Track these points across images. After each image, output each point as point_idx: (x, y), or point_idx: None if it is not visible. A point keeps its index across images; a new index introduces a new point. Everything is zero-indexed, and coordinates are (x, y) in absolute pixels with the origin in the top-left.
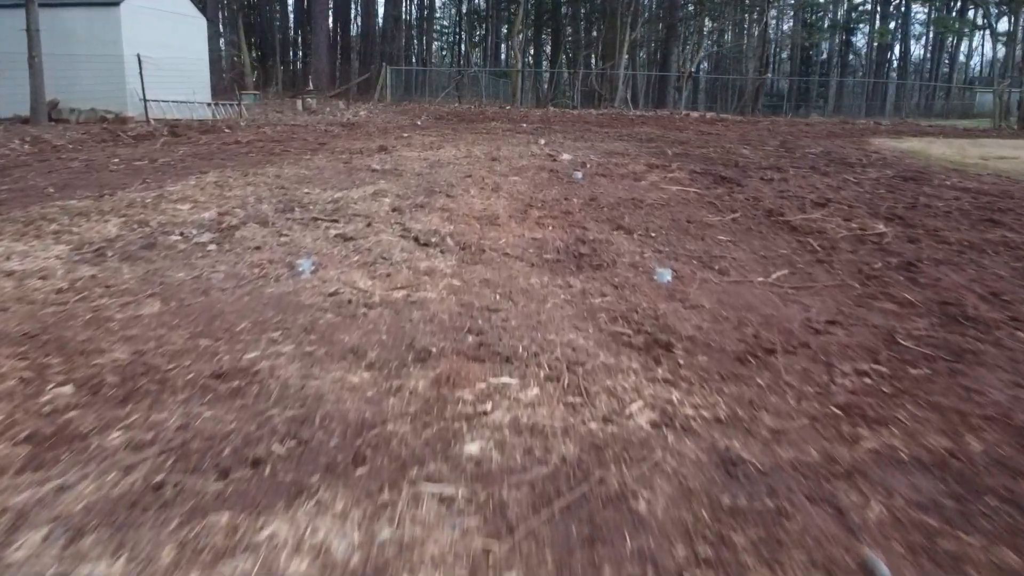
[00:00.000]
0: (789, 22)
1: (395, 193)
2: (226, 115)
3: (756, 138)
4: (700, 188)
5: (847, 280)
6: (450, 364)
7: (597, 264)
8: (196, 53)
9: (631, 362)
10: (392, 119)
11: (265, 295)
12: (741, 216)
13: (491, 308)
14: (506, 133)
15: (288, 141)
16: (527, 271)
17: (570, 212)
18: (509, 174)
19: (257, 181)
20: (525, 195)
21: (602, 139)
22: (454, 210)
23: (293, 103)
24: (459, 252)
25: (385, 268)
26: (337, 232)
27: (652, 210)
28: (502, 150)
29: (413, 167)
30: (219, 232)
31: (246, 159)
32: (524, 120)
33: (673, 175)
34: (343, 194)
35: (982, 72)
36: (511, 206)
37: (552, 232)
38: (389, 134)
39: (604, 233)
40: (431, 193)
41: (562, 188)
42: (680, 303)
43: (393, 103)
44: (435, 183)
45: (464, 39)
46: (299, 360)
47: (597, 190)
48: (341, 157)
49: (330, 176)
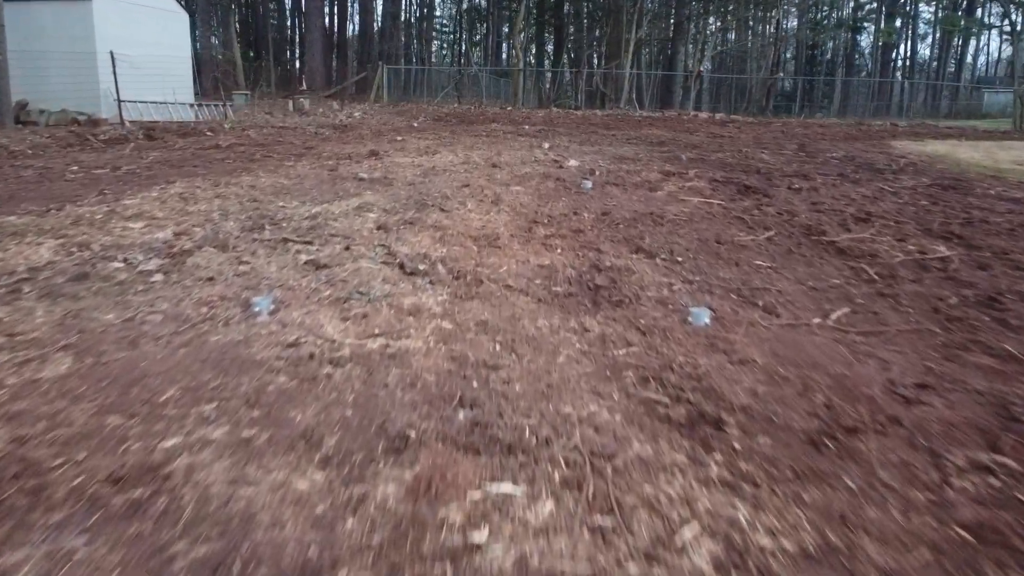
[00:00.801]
0: (793, 21)
1: (382, 207)
2: (211, 117)
3: (772, 141)
4: (724, 199)
5: (923, 322)
6: (433, 458)
7: (617, 300)
8: (178, 51)
9: (674, 451)
10: (388, 121)
11: (208, 347)
12: (777, 234)
13: (489, 364)
14: (507, 136)
15: (272, 145)
16: (533, 309)
17: (581, 230)
18: (511, 183)
19: (228, 192)
20: (529, 209)
21: (609, 142)
22: (448, 228)
23: (285, 104)
24: (452, 283)
25: (361, 306)
26: (309, 258)
27: (674, 227)
28: (503, 155)
29: (405, 175)
30: (169, 258)
31: (221, 166)
32: (526, 121)
33: (692, 184)
34: (323, 208)
35: (988, 72)
36: (513, 223)
37: (561, 256)
38: (382, 137)
39: (622, 257)
40: (423, 207)
41: (570, 200)
42: (725, 356)
43: (390, 104)
44: (428, 194)
45: (464, 38)
46: (231, 452)
47: (609, 202)
48: (327, 164)
49: (311, 186)
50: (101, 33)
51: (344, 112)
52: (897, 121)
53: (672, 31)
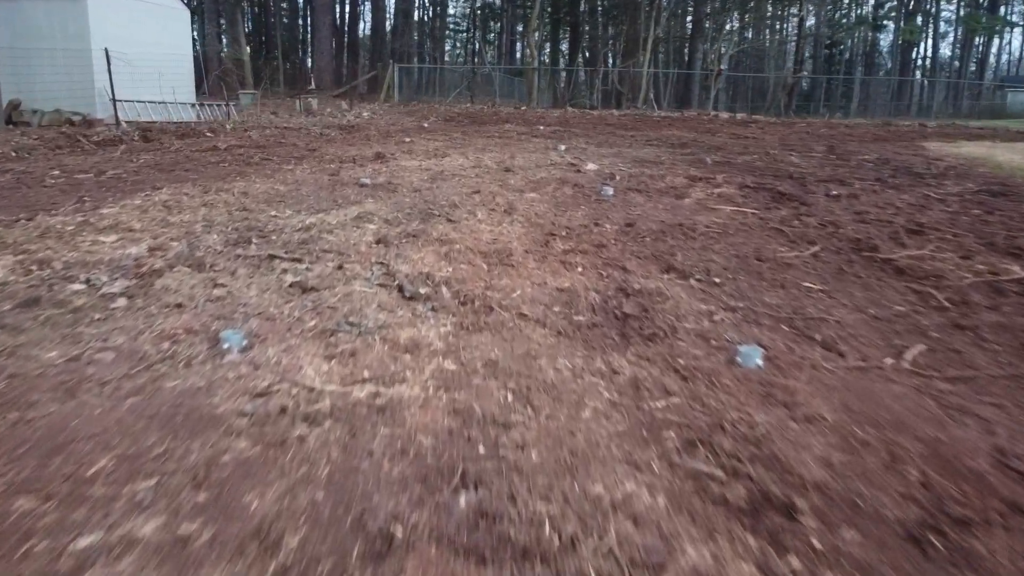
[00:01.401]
0: (811, 19)
1: (383, 217)
2: (213, 117)
3: (798, 142)
4: (758, 208)
5: (1019, 365)
6: (424, 569)
7: (649, 332)
8: (178, 48)
9: (739, 556)
10: (397, 121)
11: (161, 396)
12: (823, 250)
13: (499, 421)
14: (521, 137)
15: (273, 147)
16: (552, 344)
17: (603, 244)
18: (525, 189)
19: (217, 200)
20: (545, 219)
21: (629, 144)
22: (455, 242)
23: (293, 104)
24: (458, 310)
25: (350, 341)
26: (295, 279)
27: (708, 241)
28: (517, 158)
29: (411, 180)
30: (137, 278)
31: (215, 170)
32: (541, 122)
33: (721, 190)
34: (318, 218)
35: (1009, 70)
36: (528, 235)
37: (583, 276)
38: (390, 139)
39: (652, 278)
40: (428, 217)
41: (590, 208)
42: (785, 410)
43: (401, 103)
44: (435, 202)
45: (477, 36)
46: (160, 560)
47: (633, 211)
48: (328, 168)
49: (308, 193)
50: (97, 30)
51: (352, 112)
52: (925, 121)
53: (690, 28)
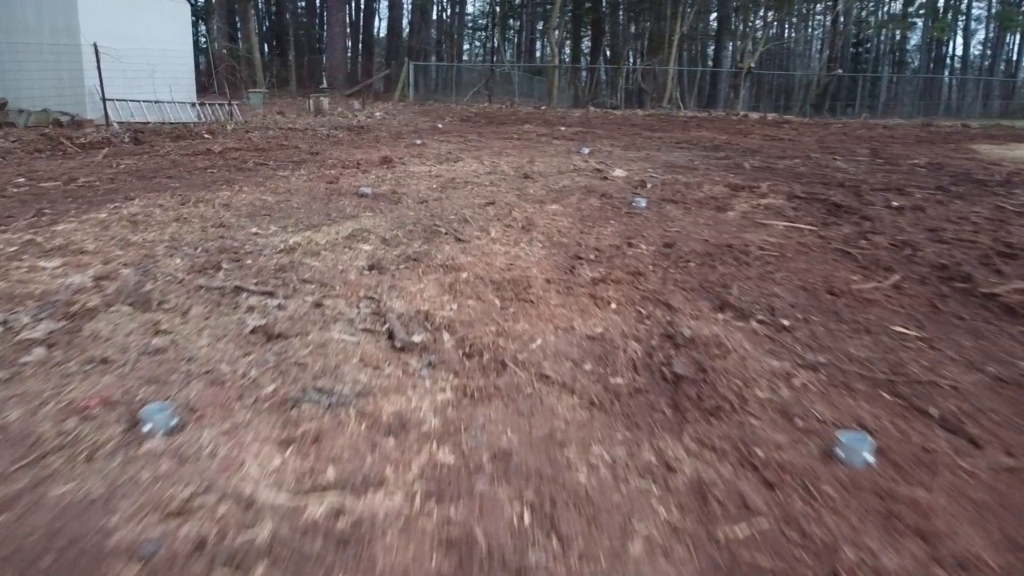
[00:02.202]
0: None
1: (381, 235)
2: (215, 117)
3: (838, 145)
4: (815, 223)
5: None
6: None
7: (711, 404)
8: (177, 44)
9: None
10: (410, 121)
11: (37, 515)
12: (904, 279)
13: (511, 564)
14: (541, 139)
15: (273, 150)
16: (583, 422)
17: (640, 272)
18: (546, 200)
19: (193, 214)
20: (570, 237)
21: (657, 147)
22: (463, 268)
23: (305, 103)
24: (461, 367)
25: (315, 417)
26: (260, 322)
27: (764, 267)
28: (536, 163)
29: (418, 189)
30: (66, 319)
31: (201, 177)
32: (562, 122)
33: (768, 201)
34: (305, 237)
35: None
36: (550, 259)
37: (618, 316)
38: (400, 141)
39: (704, 318)
40: (433, 235)
41: (621, 224)
42: (924, 545)
43: (416, 103)
44: (442, 217)
45: (496, 32)
46: None
47: (671, 227)
48: (328, 174)
49: (300, 205)
50: (87, 25)
51: (365, 112)
52: (968, 122)
53: (717, 25)
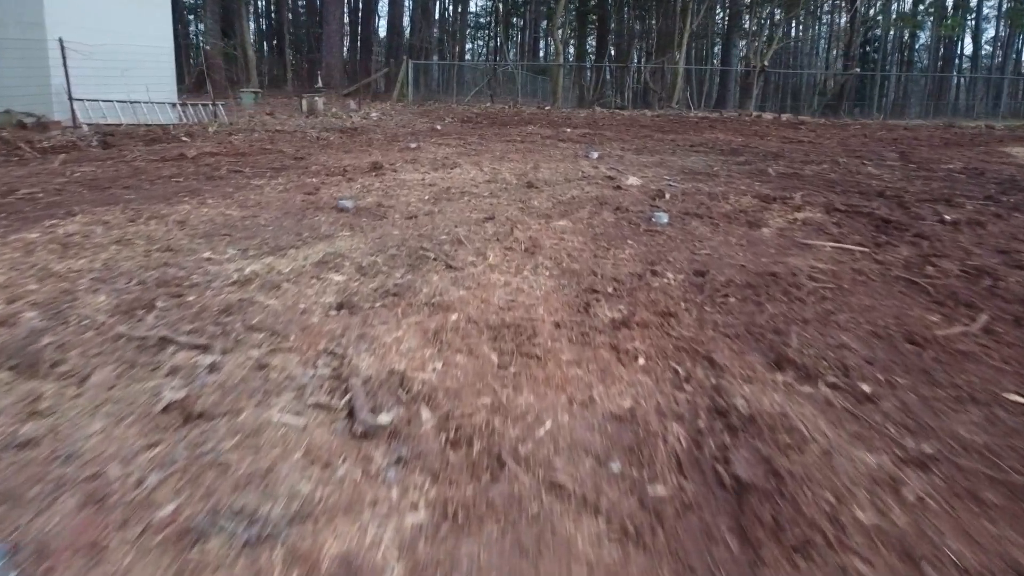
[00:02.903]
0: (844, 16)
1: (358, 261)
2: (198, 119)
3: (862, 147)
4: (865, 242)
5: None
6: None
7: (797, 537)
8: (156, 40)
9: None
10: (408, 122)
11: None
12: (995, 320)
13: None
14: (546, 142)
15: (253, 155)
16: (614, 568)
17: (671, 311)
18: (553, 214)
19: (140, 234)
20: (582, 262)
21: (671, 150)
22: (453, 307)
23: (298, 103)
24: (443, 465)
25: (224, 562)
26: (180, 393)
27: (820, 303)
28: (541, 169)
29: (408, 201)
30: None
31: (164, 187)
32: (567, 123)
33: (805, 215)
34: (266, 264)
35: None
36: (560, 293)
37: (649, 379)
38: (395, 144)
39: (759, 381)
40: (420, 261)
41: (640, 244)
42: None
43: (415, 103)
44: (433, 236)
45: (499, 28)
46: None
47: (700, 248)
48: (309, 183)
49: (268, 221)
50: (54, 18)
51: (361, 112)
52: (991, 123)
53: (727, 22)
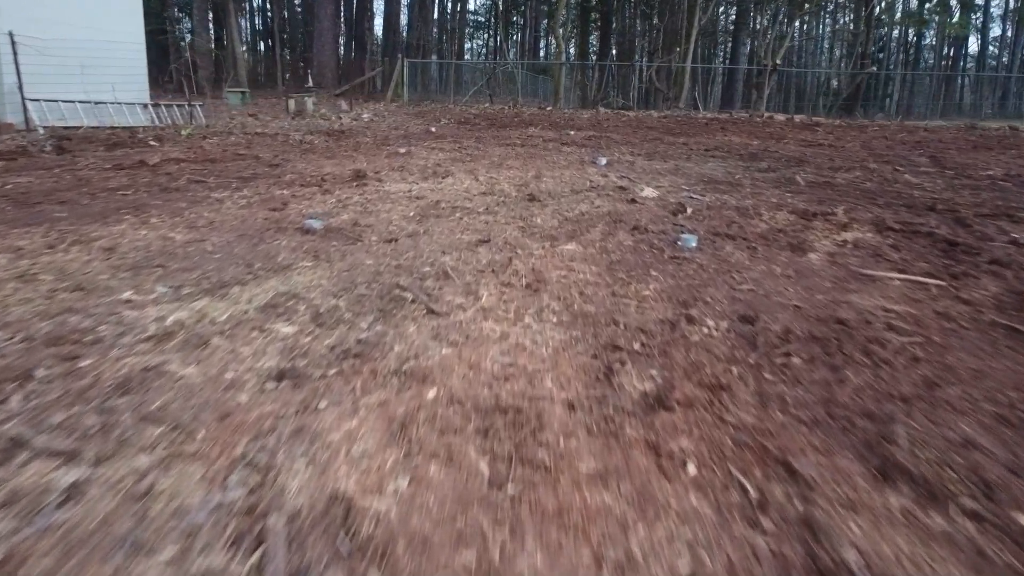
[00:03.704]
0: (850, 15)
1: (316, 304)
2: (172, 120)
3: (888, 151)
4: (935, 272)
5: None
6: None
7: None
8: (125, 36)
9: None
10: (401, 124)
11: None
12: None
13: None
14: (548, 145)
15: (226, 161)
16: None
17: (721, 383)
18: (559, 236)
19: (51, 265)
20: (598, 303)
21: (684, 155)
22: (431, 376)
23: (287, 104)
24: None
25: None
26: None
27: (913, 367)
28: (544, 178)
29: (389, 219)
30: None
31: (106, 203)
32: (570, 125)
33: (853, 235)
34: (197, 310)
35: None
36: (572, 352)
37: (706, 506)
38: (383, 149)
39: (866, 512)
40: (394, 304)
41: (668, 276)
42: None
43: (411, 103)
44: (414, 267)
45: (499, 25)
46: None
47: (740, 282)
48: (278, 196)
49: (218, 247)
50: (7, 10)
51: (352, 113)
52: (1015, 124)
53: (735, 19)
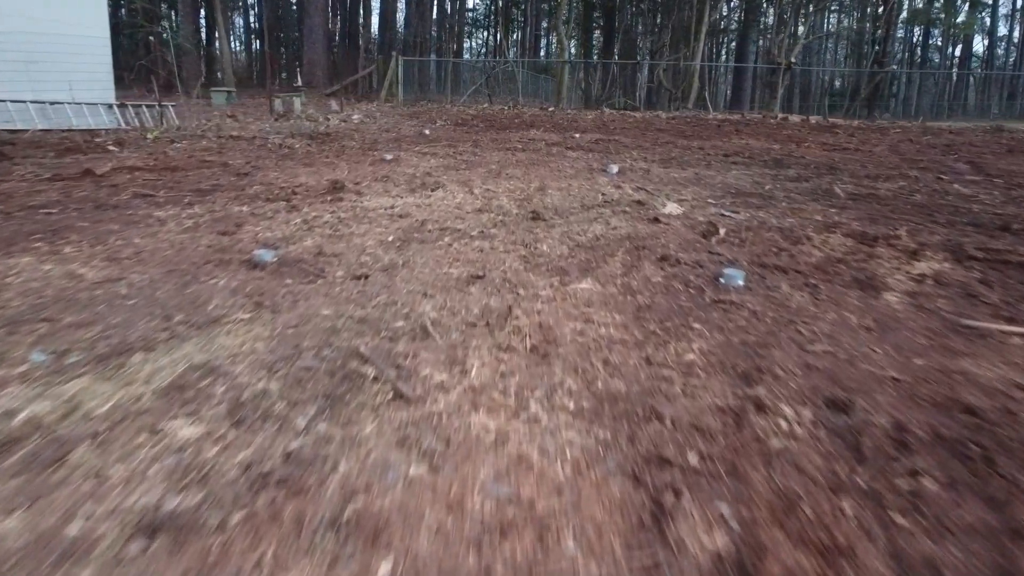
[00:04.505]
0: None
1: (239, 385)
2: (139, 122)
3: (920, 156)
4: None
5: None
6: None
7: None
8: (85, 30)
9: None
10: (393, 126)
11: None
12: None
13: None
14: (552, 150)
15: (186, 170)
16: None
17: (834, 540)
18: (571, 269)
19: None
20: (628, 376)
21: (703, 161)
22: (388, 530)
23: (273, 104)
24: None
25: None
26: None
27: None
28: (550, 190)
29: (363, 245)
30: None
31: (19, 225)
32: (574, 127)
33: (930, 265)
34: (72, 393)
35: None
36: (599, 471)
37: None
38: (369, 155)
39: None
40: (347, 388)
41: (714, 330)
42: None
43: (406, 103)
44: (383, 322)
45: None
46: None
47: (814, 345)
48: (233, 214)
49: (134, 290)
50: None
51: (342, 114)
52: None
53: (743, 15)
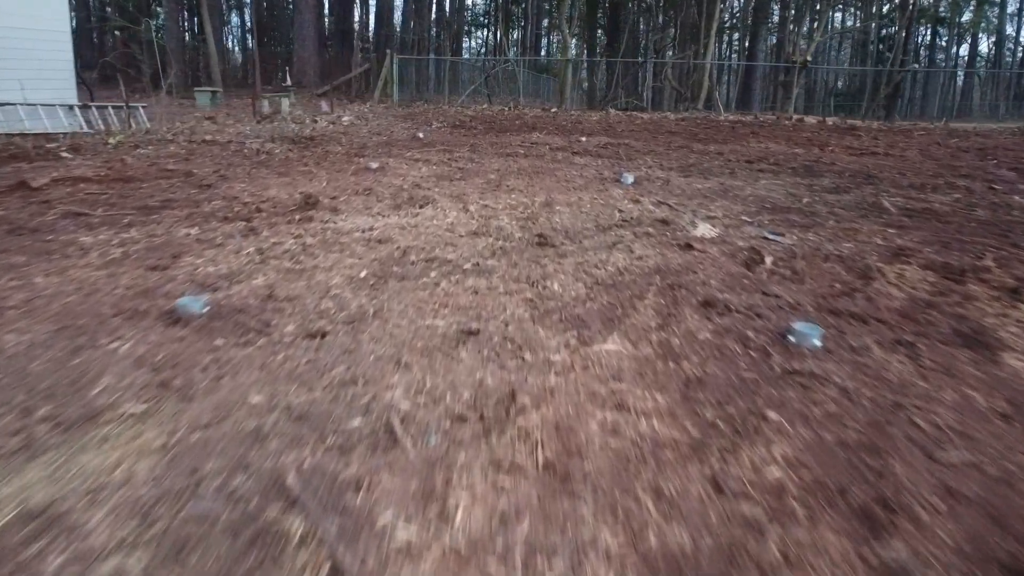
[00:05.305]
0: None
1: (90, 548)
2: (105, 125)
3: (955, 161)
4: None
5: None
6: None
7: None
8: (44, 24)
9: None
10: (385, 128)
11: None
12: None
13: None
14: (557, 156)
15: (144, 181)
16: None
17: None
18: (591, 319)
19: None
20: (689, 516)
21: (727, 168)
22: None
23: (259, 105)
24: None
25: None
26: None
27: None
28: (557, 205)
29: (327, 284)
30: None
31: None
32: (579, 129)
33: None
34: None
35: None
36: None
37: None
38: (357, 160)
39: None
40: (250, 560)
41: (797, 423)
42: None
43: (401, 104)
44: (331, 419)
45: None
46: None
47: (945, 450)
48: (176, 241)
49: (1, 359)
50: None
51: (332, 116)
52: None
53: (752, 13)
